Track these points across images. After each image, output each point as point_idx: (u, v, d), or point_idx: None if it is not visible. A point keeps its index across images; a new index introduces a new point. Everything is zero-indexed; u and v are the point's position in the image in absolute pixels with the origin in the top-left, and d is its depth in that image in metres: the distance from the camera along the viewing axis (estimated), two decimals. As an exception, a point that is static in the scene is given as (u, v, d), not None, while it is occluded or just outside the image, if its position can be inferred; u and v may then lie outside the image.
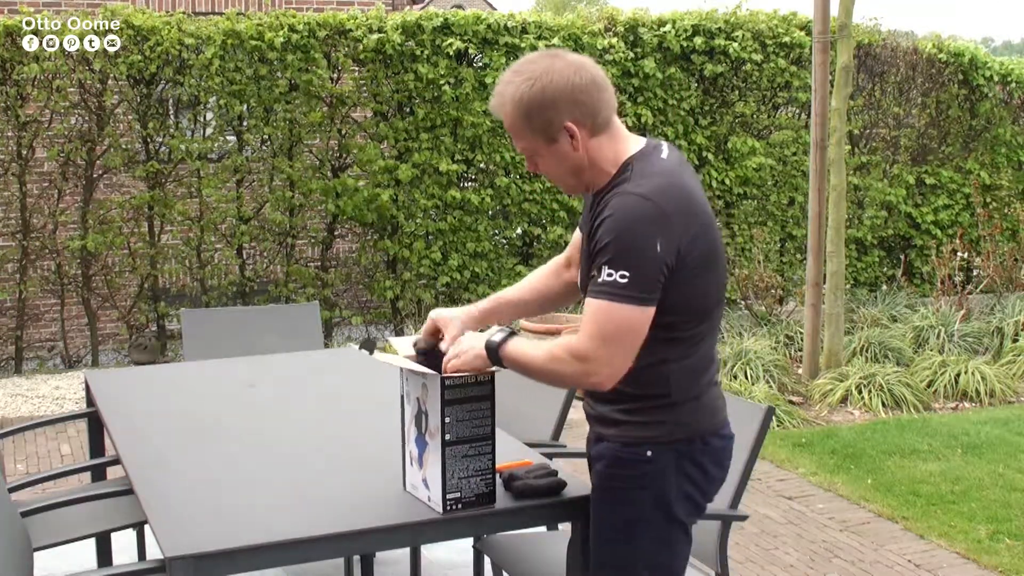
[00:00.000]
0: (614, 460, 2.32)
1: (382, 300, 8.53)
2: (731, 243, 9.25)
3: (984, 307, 8.49)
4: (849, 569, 4.21)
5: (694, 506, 2.34)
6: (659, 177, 2.20)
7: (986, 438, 5.86)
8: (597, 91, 2.23)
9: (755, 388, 6.36)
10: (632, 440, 2.29)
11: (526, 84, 2.21)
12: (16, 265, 7.74)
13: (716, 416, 2.35)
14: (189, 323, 4.53)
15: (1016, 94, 10.23)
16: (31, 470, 5.43)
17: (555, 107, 2.20)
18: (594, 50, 8.57)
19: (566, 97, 2.20)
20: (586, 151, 2.25)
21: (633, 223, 2.13)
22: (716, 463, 2.35)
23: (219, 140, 8.07)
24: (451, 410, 2.34)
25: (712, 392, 2.35)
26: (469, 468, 2.38)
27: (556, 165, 2.29)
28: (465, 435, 2.36)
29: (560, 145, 2.24)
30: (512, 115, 2.24)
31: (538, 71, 2.21)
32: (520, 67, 2.25)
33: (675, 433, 2.28)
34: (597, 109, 2.23)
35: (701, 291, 2.24)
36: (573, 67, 2.22)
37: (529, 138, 2.26)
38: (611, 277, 2.13)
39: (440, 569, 4.07)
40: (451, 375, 2.33)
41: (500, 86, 2.26)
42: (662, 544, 2.32)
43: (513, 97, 2.22)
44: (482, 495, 2.40)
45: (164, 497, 2.53)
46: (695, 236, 2.18)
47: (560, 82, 2.20)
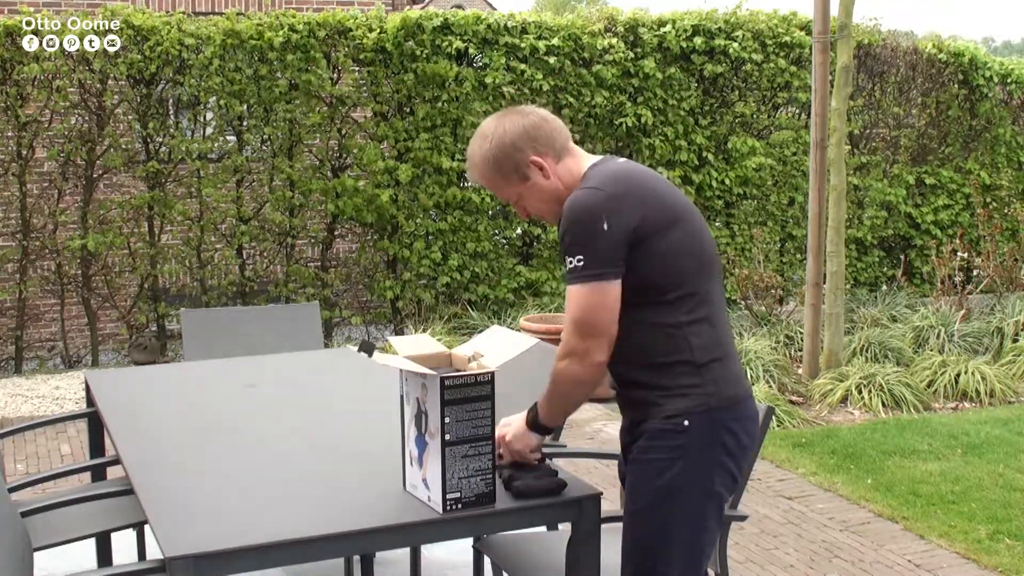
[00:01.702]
0: (655, 433, 2.42)
1: (382, 300, 8.53)
2: (731, 243, 9.25)
3: (984, 307, 8.49)
4: (849, 569, 4.21)
5: (730, 477, 2.46)
6: (607, 171, 2.44)
7: (986, 438, 5.86)
8: (546, 124, 2.52)
9: (755, 388, 6.36)
10: (670, 413, 2.40)
11: (487, 142, 2.51)
12: (16, 265, 7.74)
13: (740, 384, 2.48)
14: (189, 323, 4.53)
15: (1016, 94, 10.23)
16: (31, 470, 5.43)
17: (517, 148, 2.49)
18: (594, 50, 8.58)
19: (522, 136, 2.49)
20: (557, 177, 2.51)
21: (579, 211, 2.36)
22: (748, 433, 2.48)
23: (219, 140, 8.07)
24: (451, 410, 2.35)
25: (734, 362, 2.49)
26: (469, 468, 2.38)
27: (539, 199, 2.53)
28: (465, 435, 2.37)
29: (534, 180, 2.51)
30: (485, 172, 2.53)
31: (491, 129, 2.52)
32: (479, 133, 2.55)
33: (710, 400, 2.40)
34: (552, 138, 2.51)
35: (676, 252, 2.40)
36: (520, 113, 2.54)
37: (507, 185, 2.53)
38: (570, 263, 2.37)
39: (440, 569, 4.07)
40: (451, 375, 2.36)
41: (469, 157, 2.56)
42: (695, 519, 2.42)
43: (481, 157, 2.52)
44: (482, 495, 2.41)
45: (164, 497, 2.53)
46: (649, 206, 2.38)
47: (512, 128, 2.50)
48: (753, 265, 8.73)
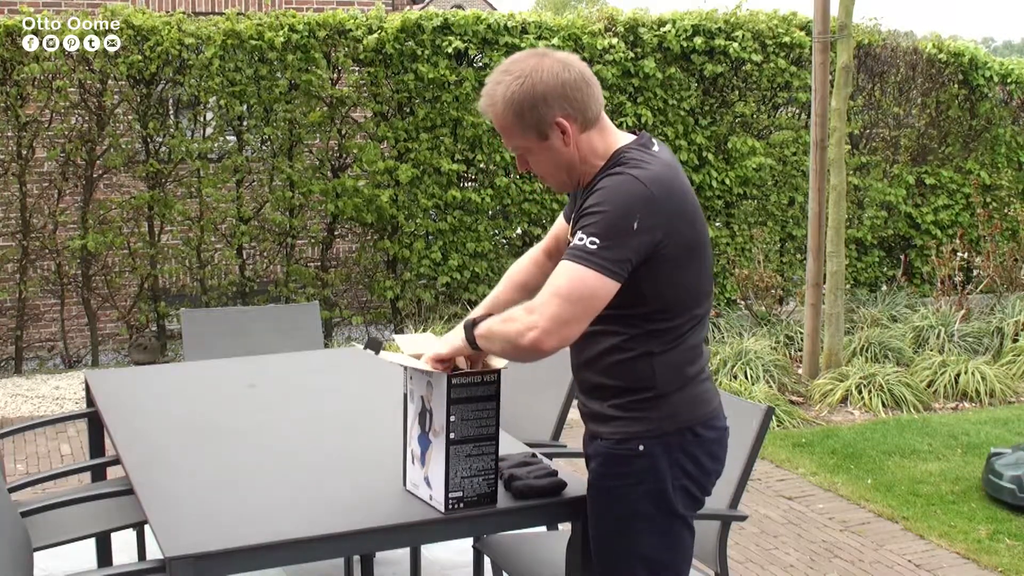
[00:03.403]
0: (607, 458, 2.32)
1: (382, 300, 8.53)
2: (731, 243, 9.25)
3: (984, 307, 8.49)
4: (849, 569, 4.21)
5: (691, 499, 2.34)
6: (655, 166, 2.22)
7: (986, 438, 5.86)
8: (586, 86, 2.25)
9: (755, 388, 6.36)
10: (623, 436, 2.29)
11: (516, 82, 2.22)
12: (16, 265, 7.74)
13: (707, 407, 2.34)
14: (189, 323, 4.53)
15: (1016, 94, 10.23)
16: (31, 470, 5.43)
17: (546, 103, 2.22)
18: (594, 50, 8.57)
19: (556, 93, 2.21)
20: (577, 146, 2.27)
21: (622, 196, 2.16)
22: (710, 455, 2.34)
23: (219, 140, 8.08)
24: (457, 408, 2.34)
25: (701, 384, 2.34)
26: (472, 467, 2.38)
27: (548, 162, 2.30)
28: (469, 434, 2.36)
29: (552, 141, 2.26)
30: (503, 114, 2.25)
31: (527, 69, 2.23)
32: (508, 66, 2.26)
33: (665, 426, 2.28)
34: (587, 104, 2.25)
35: (681, 284, 2.26)
36: (561, 63, 2.24)
37: (521, 136, 2.27)
38: (582, 241, 2.15)
39: (440, 569, 4.07)
40: (458, 374, 2.33)
41: (489, 86, 2.26)
42: (662, 539, 2.32)
43: (504, 96, 2.23)
44: (484, 495, 2.40)
45: (164, 497, 2.53)
46: (678, 228, 2.20)
47: (549, 78, 2.21)
48: (753, 265, 8.73)
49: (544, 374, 3.60)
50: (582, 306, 2.15)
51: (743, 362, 6.71)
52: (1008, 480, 4.79)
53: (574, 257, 2.15)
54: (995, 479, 4.86)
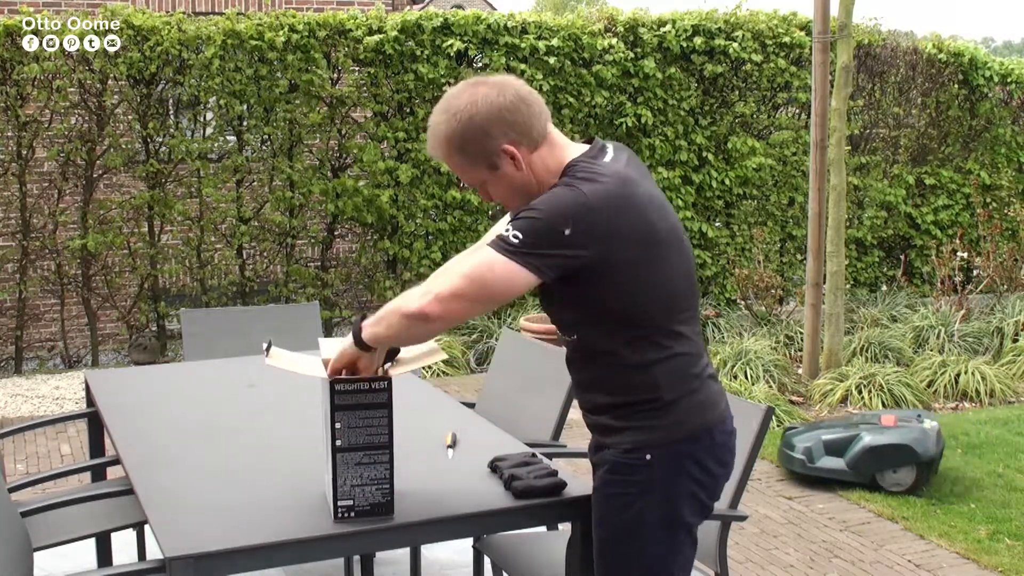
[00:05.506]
0: (616, 467, 2.29)
1: (382, 300, 8.52)
2: (731, 243, 9.25)
3: (984, 307, 8.50)
4: (849, 569, 4.21)
5: (700, 506, 2.32)
6: (604, 177, 2.17)
7: (986, 438, 5.86)
8: (525, 106, 2.22)
9: (755, 388, 6.37)
10: (632, 446, 2.27)
11: (454, 120, 2.20)
12: (16, 265, 7.74)
13: (715, 410, 2.32)
14: (189, 323, 4.53)
15: (1016, 94, 10.23)
16: (31, 470, 5.43)
17: (488, 135, 2.20)
18: (594, 50, 8.58)
19: (495, 120, 2.19)
20: (531, 168, 2.24)
21: (559, 201, 2.13)
22: (718, 461, 2.33)
23: (219, 140, 8.08)
24: (342, 415, 2.29)
25: (707, 387, 2.32)
26: (363, 476, 2.32)
27: (506, 189, 2.27)
28: (358, 442, 2.31)
29: (504, 170, 2.24)
30: (450, 154, 2.23)
31: (463, 104, 2.20)
32: (446, 104, 2.23)
33: (673, 433, 2.26)
34: (529, 124, 2.22)
35: (651, 287, 2.21)
36: (496, 89, 2.21)
37: (472, 171, 2.26)
38: (508, 232, 2.13)
39: (440, 569, 4.07)
40: (341, 380, 2.28)
41: (432, 128, 2.24)
42: (665, 549, 2.30)
43: (446, 136, 2.21)
44: (378, 504, 2.34)
45: (164, 497, 2.53)
46: (628, 236, 2.15)
47: (485, 108, 2.19)
48: (753, 265, 8.73)
49: (544, 374, 3.60)
50: (481, 286, 2.14)
51: (743, 362, 6.71)
52: (800, 452, 5.13)
53: (493, 244, 2.15)
54: (788, 451, 5.20)
